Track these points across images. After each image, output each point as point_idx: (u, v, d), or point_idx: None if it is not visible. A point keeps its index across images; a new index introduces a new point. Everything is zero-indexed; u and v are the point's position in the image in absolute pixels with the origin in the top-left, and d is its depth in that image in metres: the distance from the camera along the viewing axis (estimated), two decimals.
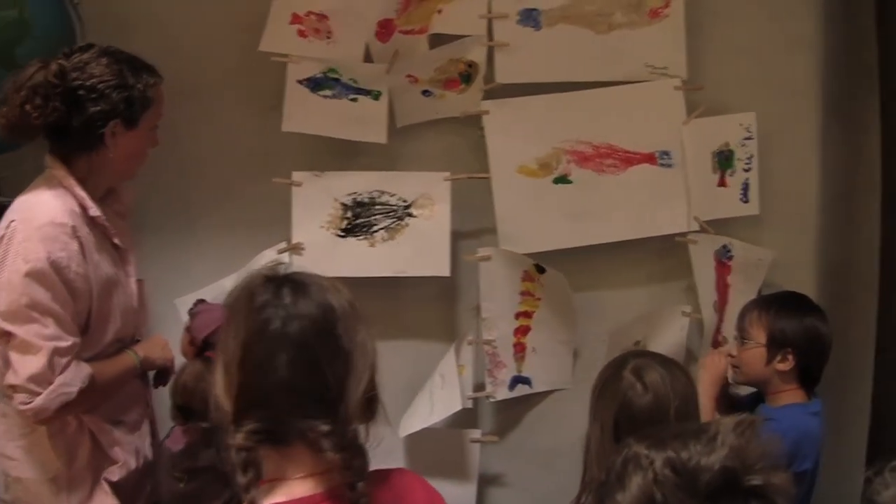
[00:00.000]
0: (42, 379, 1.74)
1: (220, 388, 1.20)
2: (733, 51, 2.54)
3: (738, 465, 0.98)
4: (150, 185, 2.47)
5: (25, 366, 1.74)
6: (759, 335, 2.10)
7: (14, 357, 1.75)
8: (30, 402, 1.74)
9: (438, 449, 2.54)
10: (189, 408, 1.93)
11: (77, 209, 1.84)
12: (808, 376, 2.11)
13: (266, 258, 2.44)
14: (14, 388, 1.76)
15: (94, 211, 1.86)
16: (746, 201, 2.55)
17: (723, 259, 2.57)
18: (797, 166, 2.62)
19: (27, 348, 1.74)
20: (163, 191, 2.52)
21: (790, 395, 2.10)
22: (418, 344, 2.62)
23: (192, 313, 2.06)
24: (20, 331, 1.74)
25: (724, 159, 2.53)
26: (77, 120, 1.81)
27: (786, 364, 2.07)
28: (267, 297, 1.19)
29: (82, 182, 1.87)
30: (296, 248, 2.45)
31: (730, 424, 1.02)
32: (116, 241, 1.95)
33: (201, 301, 2.18)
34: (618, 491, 1.02)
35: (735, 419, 1.04)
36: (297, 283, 1.22)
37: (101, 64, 1.83)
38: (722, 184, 2.54)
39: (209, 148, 2.54)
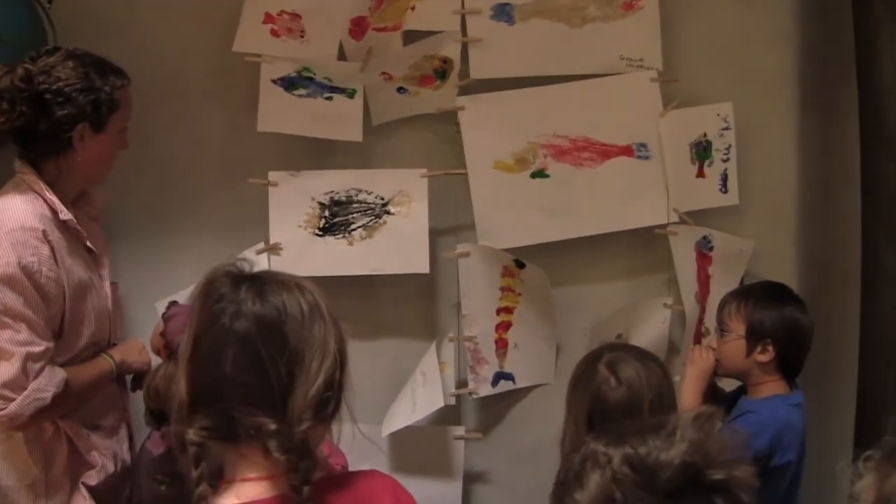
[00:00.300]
0: (16, 385, 1.73)
1: (179, 380, 1.20)
2: (709, 42, 2.53)
3: (699, 459, 0.97)
4: (125, 189, 2.48)
5: None
6: (738, 327, 2.08)
7: None
8: (4, 409, 1.74)
9: (422, 447, 2.54)
10: (162, 411, 1.92)
11: (48, 213, 1.83)
12: (788, 367, 2.10)
13: None
14: None
15: (65, 215, 1.85)
16: (725, 192, 2.55)
17: (703, 250, 2.57)
18: (776, 157, 2.61)
19: (0, 354, 1.73)
20: (138, 194, 2.52)
21: (771, 387, 2.08)
22: (399, 342, 2.61)
23: (167, 317, 2.05)
24: None
25: (701, 150, 2.52)
26: (44, 124, 1.81)
27: (766, 355, 2.05)
28: (223, 291, 1.19)
29: (52, 186, 1.86)
30: (274, 249, 2.44)
31: (689, 418, 1.01)
32: (89, 244, 1.94)
33: (174, 303, 2.16)
34: (576, 489, 1.00)
35: (694, 413, 1.02)
36: (256, 282, 1.21)
37: (67, 67, 1.82)
38: (700, 175, 2.54)
39: (184, 150, 2.53)
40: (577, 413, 1.80)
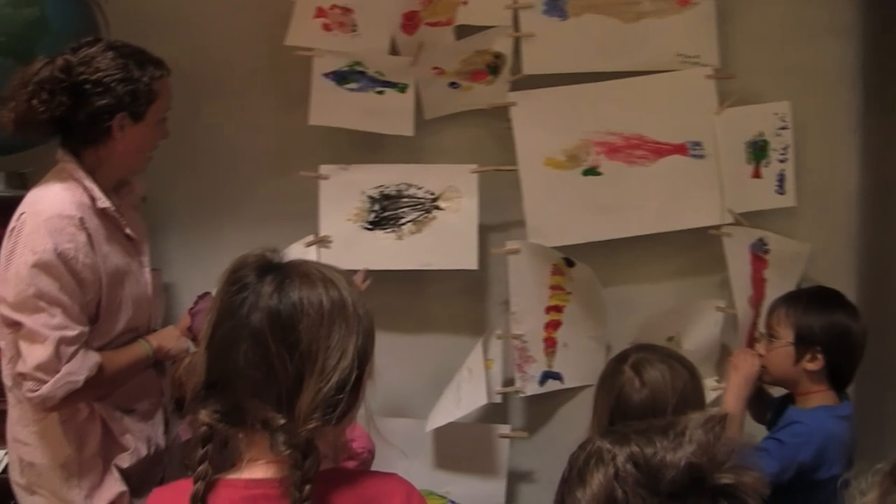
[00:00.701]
0: (49, 367, 1.76)
1: (197, 360, 1.20)
2: (766, 37, 2.47)
3: (705, 462, 0.95)
4: (178, 181, 2.52)
5: (33, 355, 1.76)
6: (786, 333, 2.01)
7: (23, 346, 1.78)
8: (37, 390, 1.77)
9: (467, 444, 2.52)
10: (184, 400, 1.94)
11: (86, 201, 1.86)
12: (838, 377, 2.02)
13: (294, 252, 2.44)
14: (23, 377, 1.79)
15: (103, 203, 1.87)
16: (782, 193, 2.49)
17: (759, 253, 2.51)
18: (835, 157, 2.55)
19: (34, 338, 1.76)
20: (191, 186, 2.56)
21: (819, 397, 2.00)
22: (447, 338, 2.60)
23: (193, 312, 2.05)
24: (28, 320, 1.76)
25: (757, 150, 2.47)
26: (83, 114, 1.83)
27: (814, 364, 1.98)
28: (246, 281, 1.18)
29: (92, 174, 1.88)
30: (323, 242, 2.45)
31: (699, 420, 0.99)
32: (128, 231, 1.96)
33: (204, 295, 2.14)
34: (578, 487, 0.99)
35: (705, 415, 1.00)
36: (280, 274, 1.19)
37: (106, 58, 1.84)
38: (756, 175, 2.48)
39: (236, 143, 2.56)
40: (600, 413, 1.77)
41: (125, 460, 1.94)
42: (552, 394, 2.57)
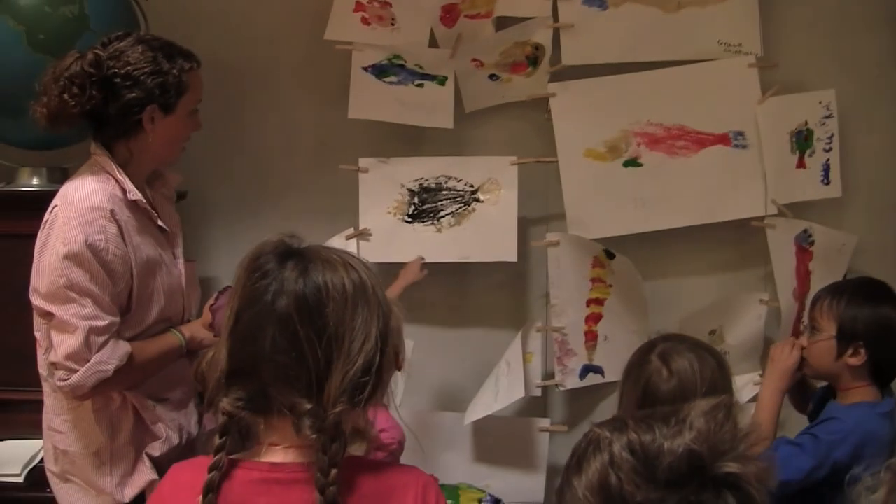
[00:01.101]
0: (79, 357, 1.78)
1: (220, 350, 1.20)
2: (810, 25, 2.44)
3: (706, 450, 0.92)
4: (220, 175, 2.55)
5: (63, 344, 1.78)
6: (829, 326, 1.93)
7: (54, 336, 1.81)
8: (67, 379, 1.79)
9: (507, 438, 2.51)
10: (205, 393, 1.94)
11: (118, 193, 1.88)
12: (882, 373, 1.94)
13: (334, 244, 2.45)
14: (55, 366, 1.82)
15: (134, 195, 1.89)
16: (827, 183, 2.45)
17: (803, 244, 2.47)
18: (882, 147, 2.51)
19: (65, 327, 1.79)
20: (233, 179, 2.58)
21: (861, 393, 1.93)
22: (487, 331, 2.60)
23: (214, 308, 2.04)
24: (59, 311, 1.78)
25: (802, 139, 2.43)
26: (114, 107, 1.86)
27: (857, 358, 1.90)
28: (268, 268, 1.18)
29: (124, 167, 1.90)
30: (363, 234, 2.46)
31: (703, 407, 0.96)
32: (161, 223, 1.98)
33: (224, 290, 2.13)
34: (576, 475, 0.97)
35: (710, 402, 0.97)
36: (301, 259, 1.19)
37: (136, 51, 1.86)
38: (801, 165, 2.44)
39: (277, 137, 2.58)
40: (627, 403, 1.75)
41: (157, 449, 1.96)
42: (593, 388, 2.54)
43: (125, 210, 1.87)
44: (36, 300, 1.82)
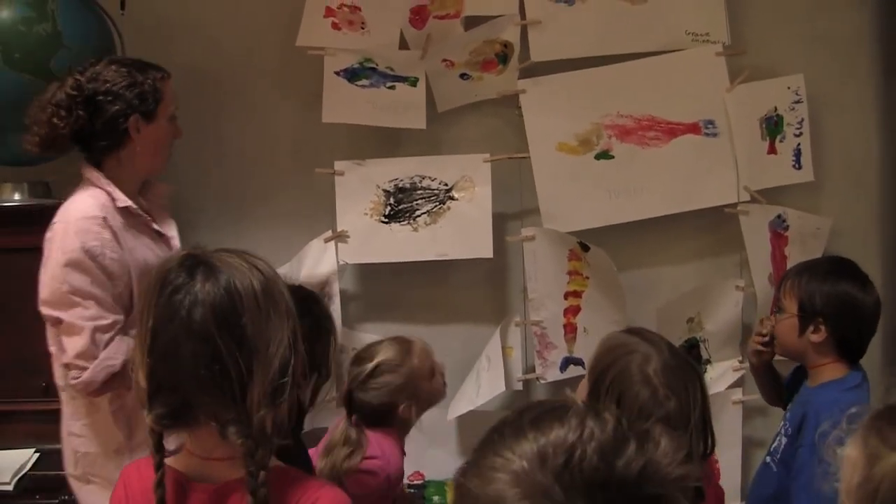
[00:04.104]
0: (87, 355, 1.89)
1: (136, 368, 1.21)
2: (777, 10, 2.47)
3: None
4: (202, 181, 2.58)
5: (72, 345, 1.90)
6: (791, 305, 1.95)
7: (64, 339, 1.92)
8: (79, 377, 1.90)
9: None
10: None
11: (109, 202, 1.99)
12: (848, 349, 1.94)
13: (313, 248, 2.50)
14: (67, 367, 1.93)
15: (123, 202, 2.00)
16: (799, 168, 2.47)
17: (778, 229, 2.49)
18: (855, 129, 2.52)
19: (72, 330, 1.90)
20: (214, 186, 2.61)
21: (829, 370, 1.94)
22: (468, 327, 2.62)
23: None
24: (66, 315, 1.90)
25: (772, 125, 2.45)
26: (100, 122, 1.99)
27: (818, 335, 1.91)
28: (179, 282, 1.18)
29: (116, 179, 2.02)
30: (341, 237, 2.49)
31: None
32: (156, 227, 2.09)
33: None
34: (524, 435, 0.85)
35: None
36: (209, 266, 1.19)
37: (110, 70, 2.01)
38: (772, 151, 2.46)
39: (255, 143, 2.62)
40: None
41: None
42: (574, 379, 2.55)
43: (118, 217, 2.00)
44: (45, 309, 1.93)
